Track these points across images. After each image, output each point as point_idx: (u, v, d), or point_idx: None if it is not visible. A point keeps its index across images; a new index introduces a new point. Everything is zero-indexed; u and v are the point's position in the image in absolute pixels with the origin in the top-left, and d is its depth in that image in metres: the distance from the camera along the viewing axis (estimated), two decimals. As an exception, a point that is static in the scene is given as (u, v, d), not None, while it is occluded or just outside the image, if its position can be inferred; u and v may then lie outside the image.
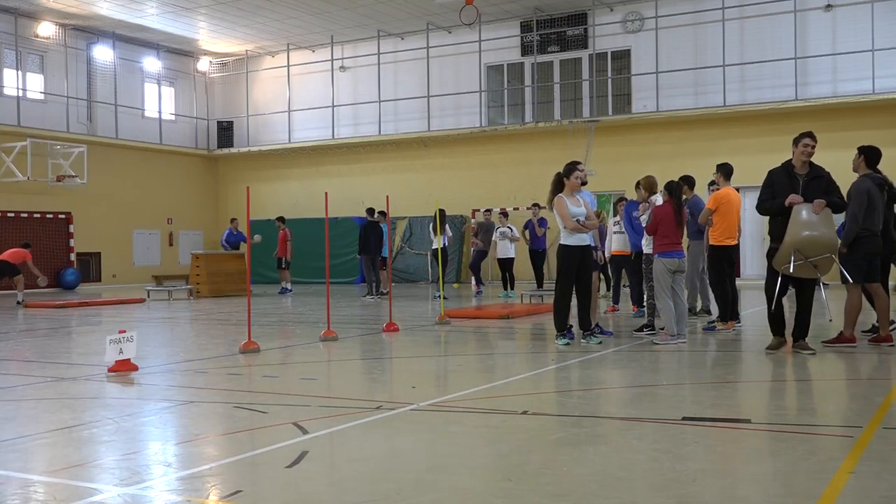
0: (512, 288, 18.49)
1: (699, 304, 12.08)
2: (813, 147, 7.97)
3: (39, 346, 10.36)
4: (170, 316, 14.79)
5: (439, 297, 18.09)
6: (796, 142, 8.07)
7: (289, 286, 21.46)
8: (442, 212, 18.52)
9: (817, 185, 7.97)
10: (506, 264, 18.69)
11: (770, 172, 8.26)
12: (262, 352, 9.02)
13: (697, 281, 11.96)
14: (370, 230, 18.37)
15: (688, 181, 11.23)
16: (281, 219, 21.93)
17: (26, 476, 4.15)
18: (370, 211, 18.92)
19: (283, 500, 3.73)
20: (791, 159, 8.10)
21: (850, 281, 8.39)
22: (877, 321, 8.92)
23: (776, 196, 8.00)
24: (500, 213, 19.75)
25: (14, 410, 5.95)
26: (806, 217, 7.85)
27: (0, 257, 18.62)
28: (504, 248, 18.67)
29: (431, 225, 18.64)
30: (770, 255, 8.07)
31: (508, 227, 18.80)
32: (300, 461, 4.30)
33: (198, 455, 4.66)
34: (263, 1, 23.23)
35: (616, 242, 13.02)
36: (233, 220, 22.55)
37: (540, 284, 18.65)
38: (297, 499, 3.75)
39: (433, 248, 18.96)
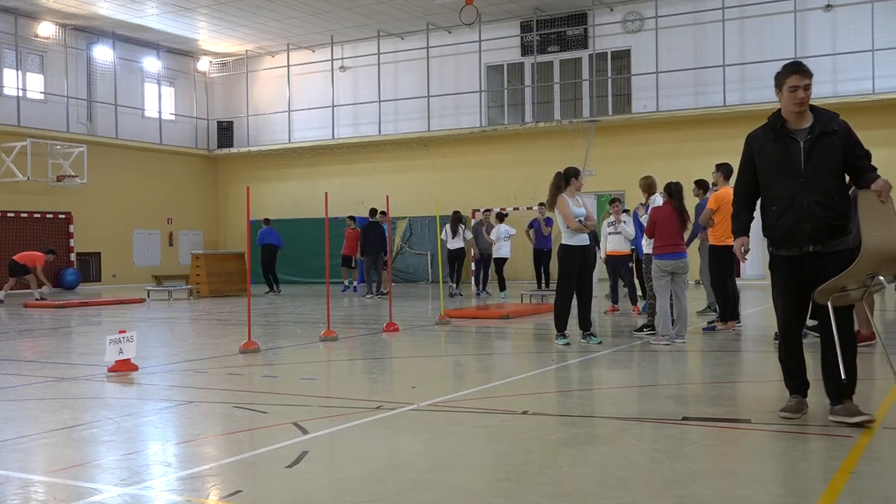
0: (503, 289, 18.54)
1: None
2: (806, 89, 4.98)
3: (39, 346, 10.36)
4: (170, 316, 14.79)
5: (455, 295, 18.36)
6: (779, 82, 5.07)
7: (355, 283, 21.46)
8: (457, 213, 19.11)
9: (828, 146, 4.96)
10: (497, 264, 18.81)
11: (749, 139, 5.28)
12: (262, 352, 9.02)
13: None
14: (370, 230, 18.39)
15: (701, 184, 11.61)
16: (352, 218, 21.74)
17: (26, 476, 4.15)
18: (373, 211, 18.94)
19: (283, 500, 3.73)
20: (780, 110, 5.14)
21: None
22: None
23: (763, 175, 5.16)
24: (497, 214, 19.75)
25: (14, 410, 5.95)
26: (883, 210, 4.90)
27: (14, 256, 18.91)
28: (500, 248, 18.74)
29: (448, 226, 18.95)
30: (772, 265, 5.22)
31: (499, 227, 18.99)
32: (300, 461, 4.30)
33: (198, 455, 4.66)
34: (263, 1, 23.23)
35: (611, 243, 13.05)
36: (267, 220, 22.19)
37: (545, 284, 18.64)
38: (297, 499, 3.75)
39: (451, 248, 19.07)
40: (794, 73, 4.99)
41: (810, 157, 4.98)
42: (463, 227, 19.09)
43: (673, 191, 9.37)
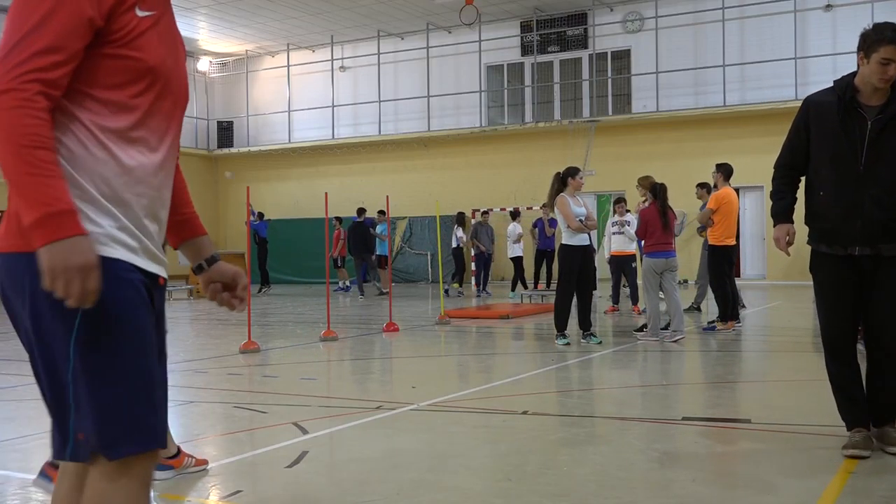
0: (513, 289, 18.51)
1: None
2: None
3: (39, 346, 10.36)
4: (170, 316, 14.70)
5: (460, 294, 18.44)
6: (867, 49, 4.15)
7: (348, 283, 21.49)
8: (459, 214, 19.52)
9: None
10: (514, 263, 18.83)
11: (807, 101, 4.37)
12: (262, 352, 9.02)
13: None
14: (352, 231, 18.61)
15: (707, 186, 11.76)
16: (338, 219, 21.83)
17: (26, 476, 4.15)
18: (359, 211, 19.11)
19: (283, 500, 3.73)
20: (853, 75, 4.26)
21: None
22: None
23: (815, 150, 4.27)
24: (511, 213, 19.87)
25: (14, 410, 5.95)
26: None
27: None
28: (512, 248, 18.79)
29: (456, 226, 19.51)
30: (814, 265, 4.40)
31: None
32: (300, 461, 4.30)
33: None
34: (263, 1, 23.23)
35: (615, 243, 13.06)
36: (261, 214, 22.30)
37: (547, 284, 18.64)
38: (297, 499, 3.75)
39: (453, 246, 19.40)
40: (893, 43, 4.03)
41: (876, 142, 4.10)
42: (457, 226, 19.28)
43: (658, 191, 9.47)
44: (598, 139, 23.48)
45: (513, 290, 18.43)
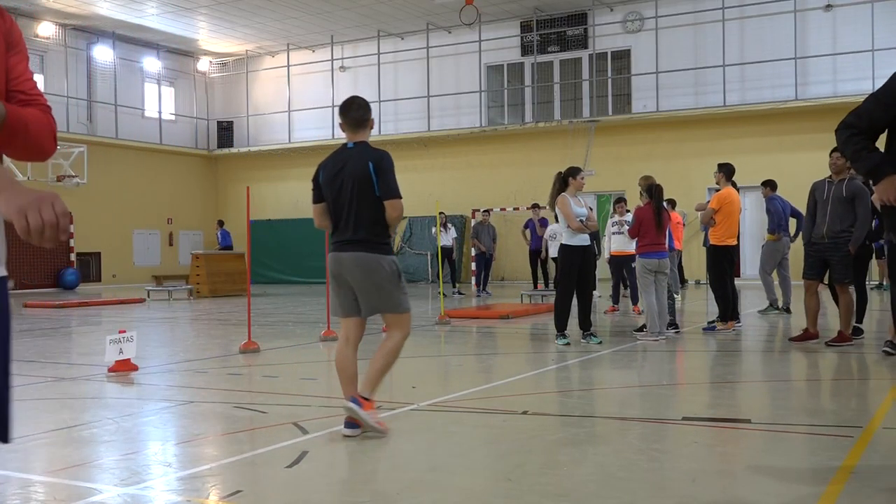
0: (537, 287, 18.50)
1: (780, 301, 12.54)
2: None
3: (39, 346, 10.36)
4: (170, 316, 14.79)
5: (454, 293, 18.42)
6: None
7: None
8: (441, 214, 19.26)
9: None
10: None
11: None
12: (262, 352, 9.02)
13: (781, 277, 12.54)
14: None
15: (770, 183, 12.29)
16: None
17: (26, 476, 4.15)
18: None
19: (283, 500, 3.73)
20: None
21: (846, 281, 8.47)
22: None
23: None
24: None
25: (14, 410, 5.94)
26: None
27: None
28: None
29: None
30: (893, 258, 4.07)
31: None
32: (300, 461, 4.30)
33: (198, 455, 4.66)
34: (263, 1, 23.23)
35: (615, 243, 13.06)
36: (221, 221, 22.83)
37: (545, 284, 18.65)
38: (297, 499, 3.75)
39: (441, 244, 19.38)
40: None
41: None
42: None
43: (654, 192, 9.47)
44: (598, 139, 23.47)
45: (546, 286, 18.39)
